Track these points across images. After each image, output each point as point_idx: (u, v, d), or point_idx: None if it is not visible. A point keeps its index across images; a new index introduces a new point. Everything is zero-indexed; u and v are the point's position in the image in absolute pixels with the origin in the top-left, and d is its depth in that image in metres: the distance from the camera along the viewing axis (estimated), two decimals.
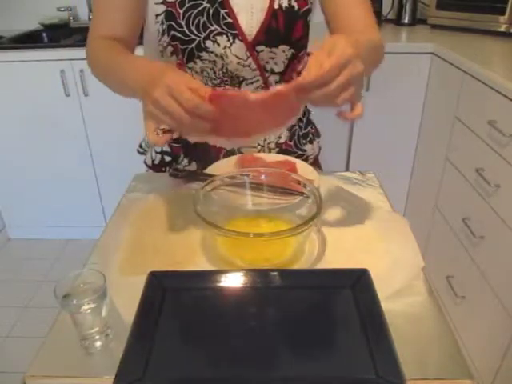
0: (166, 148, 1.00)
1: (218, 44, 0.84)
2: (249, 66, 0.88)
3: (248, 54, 0.87)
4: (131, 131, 2.06)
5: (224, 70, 0.88)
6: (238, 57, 0.87)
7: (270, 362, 0.51)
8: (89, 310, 0.52)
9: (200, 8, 0.82)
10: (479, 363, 1.47)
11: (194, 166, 0.99)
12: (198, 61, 0.87)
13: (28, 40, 2.13)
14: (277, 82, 0.93)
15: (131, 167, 0.97)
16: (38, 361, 0.54)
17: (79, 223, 2.30)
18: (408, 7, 2.14)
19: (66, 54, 1.88)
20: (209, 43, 0.84)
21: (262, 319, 0.56)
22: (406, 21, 2.17)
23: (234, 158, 0.93)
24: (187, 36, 0.84)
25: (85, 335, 0.55)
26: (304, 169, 0.89)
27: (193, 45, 0.84)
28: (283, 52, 0.89)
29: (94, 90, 1.94)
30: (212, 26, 0.83)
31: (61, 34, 2.22)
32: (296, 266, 0.67)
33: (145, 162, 1.06)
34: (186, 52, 0.86)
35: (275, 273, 0.62)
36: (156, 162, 1.01)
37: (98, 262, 0.70)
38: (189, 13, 0.82)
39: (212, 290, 0.61)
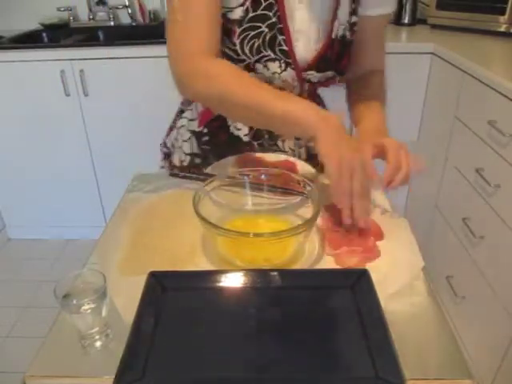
0: (197, 150, 0.99)
1: (268, 69, 0.84)
2: (293, 87, 0.89)
3: (296, 79, 0.87)
4: (131, 131, 2.07)
5: (267, 81, 0.86)
6: (284, 81, 0.86)
7: (270, 362, 0.51)
8: (89, 310, 0.52)
9: (257, 31, 0.80)
10: (479, 363, 1.47)
11: None
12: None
13: (28, 40, 2.13)
14: (309, 92, 0.93)
15: (131, 167, 0.97)
16: (38, 361, 0.54)
17: (79, 223, 2.30)
18: (408, 7, 2.14)
19: (65, 54, 1.88)
20: (258, 66, 0.83)
21: (261, 319, 0.56)
22: (406, 21, 2.17)
23: (234, 158, 0.93)
24: (238, 55, 0.82)
25: (85, 335, 0.55)
26: (304, 169, 0.89)
27: (241, 64, 0.83)
28: (325, 76, 0.90)
29: (94, 90, 1.94)
30: (266, 51, 0.81)
31: (61, 34, 2.21)
32: (296, 266, 0.67)
33: (169, 162, 1.04)
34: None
35: (275, 273, 0.62)
36: (185, 163, 1.00)
37: (98, 262, 0.70)
38: (245, 34, 0.80)
39: (212, 289, 0.61)
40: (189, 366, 0.51)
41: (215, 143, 0.97)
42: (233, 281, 0.61)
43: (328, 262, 0.68)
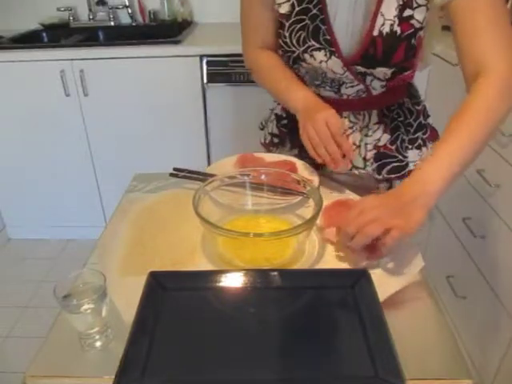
0: (275, 131, 1.08)
1: (315, 58, 0.87)
2: (346, 77, 0.89)
3: (345, 68, 0.87)
4: (131, 131, 2.06)
5: (323, 76, 0.91)
6: (333, 71, 0.88)
7: (270, 362, 0.51)
8: (89, 310, 0.52)
9: (302, 24, 0.86)
10: (479, 363, 1.47)
11: (295, 152, 1.03)
12: (301, 65, 0.92)
13: (28, 40, 2.13)
14: (383, 87, 0.91)
15: (131, 167, 0.97)
16: (38, 361, 0.54)
17: (79, 223, 2.30)
18: None
19: (65, 54, 1.88)
20: (306, 56, 0.88)
21: (261, 319, 0.56)
22: None
23: (234, 158, 0.93)
24: (288, 47, 0.90)
25: (85, 335, 0.55)
26: (304, 169, 0.89)
27: (293, 55, 0.91)
28: (382, 72, 0.87)
29: (94, 90, 1.94)
30: (310, 41, 0.86)
31: (61, 33, 2.21)
32: (296, 266, 0.67)
33: (260, 140, 1.16)
34: (290, 58, 0.93)
35: (275, 273, 0.62)
36: (267, 141, 1.11)
37: (98, 262, 0.70)
38: (293, 26, 0.87)
39: (212, 289, 0.61)
40: (188, 366, 0.51)
41: (291, 128, 1.02)
42: (233, 281, 0.61)
43: (328, 262, 0.68)
